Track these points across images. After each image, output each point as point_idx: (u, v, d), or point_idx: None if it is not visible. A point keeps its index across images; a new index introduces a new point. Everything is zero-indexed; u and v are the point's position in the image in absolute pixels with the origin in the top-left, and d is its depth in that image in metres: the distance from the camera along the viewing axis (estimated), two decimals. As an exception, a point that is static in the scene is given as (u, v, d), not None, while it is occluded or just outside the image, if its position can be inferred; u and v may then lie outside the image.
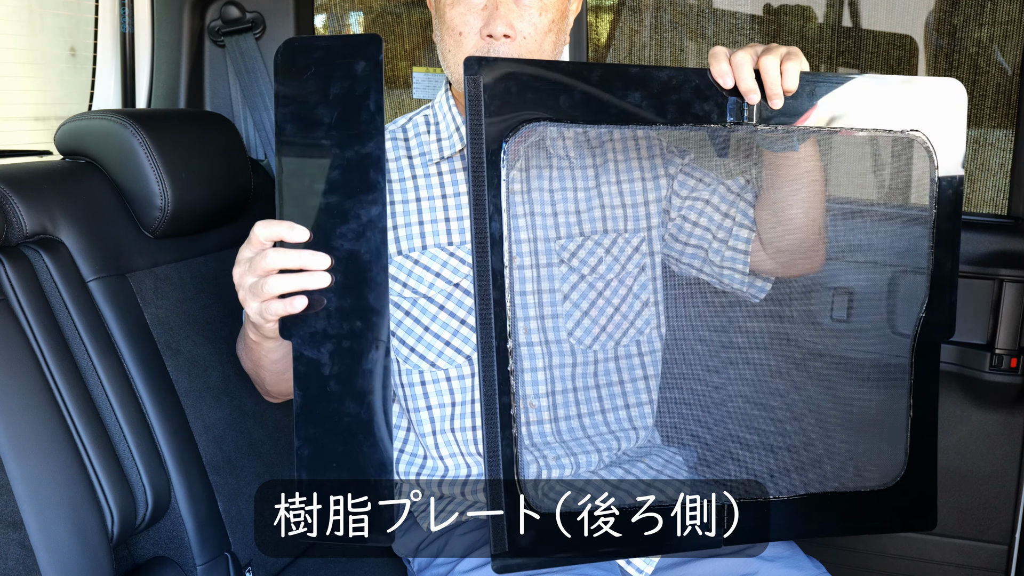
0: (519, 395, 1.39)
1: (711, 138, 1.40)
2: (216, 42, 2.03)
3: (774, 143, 1.29)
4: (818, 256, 1.43)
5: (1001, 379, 1.84)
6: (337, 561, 1.66)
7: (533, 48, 1.31)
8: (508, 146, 1.10)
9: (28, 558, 1.19)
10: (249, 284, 1.12)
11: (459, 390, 1.41)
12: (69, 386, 1.32)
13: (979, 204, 2.12)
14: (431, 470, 1.45)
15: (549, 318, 1.42)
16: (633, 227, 1.46)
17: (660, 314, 1.49)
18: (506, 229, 1.12)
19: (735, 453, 1.45)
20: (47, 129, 2.60)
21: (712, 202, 1.46)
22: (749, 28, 2.34)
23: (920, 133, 1.23)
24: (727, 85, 1.15)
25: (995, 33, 2.09)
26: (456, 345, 1.39)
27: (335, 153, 1.09)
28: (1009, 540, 1.90)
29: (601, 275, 1.44)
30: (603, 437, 1.46)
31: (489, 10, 1.29)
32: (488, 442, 1.13)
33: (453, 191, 1.41)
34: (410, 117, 1.48)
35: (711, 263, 1.47)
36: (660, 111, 1.15)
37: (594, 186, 1.44)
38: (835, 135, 1.25)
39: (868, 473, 1.29)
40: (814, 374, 1.59)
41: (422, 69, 2.26)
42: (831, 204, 1.40)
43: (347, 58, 1.10)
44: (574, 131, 1.45)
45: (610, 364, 1.45)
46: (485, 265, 1.11)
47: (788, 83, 1.15)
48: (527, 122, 1.11)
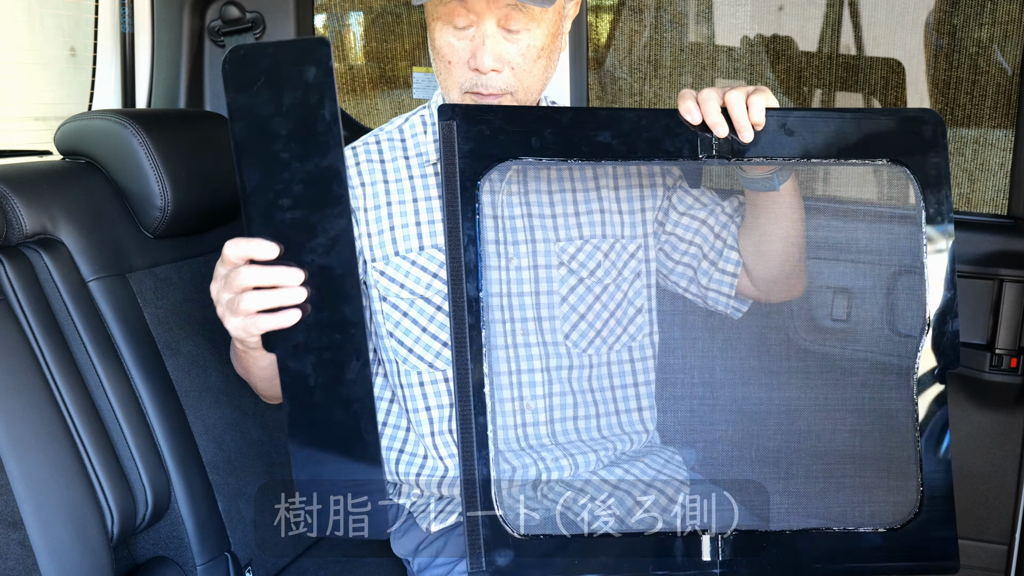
0: (517, 396, 1.40)
1: (684, 172, 1.44)
2: (216, 42, 2.03)
3: (755, 183, 1.31)
4: (797, 285, 1.47)
5: (1001, 379, 1.84)
6: (337, 561, 1.66)
7: (523, 76, 1.29)
8: (482, 184, 1.15)
9: (28, 558, 1.19)
10: (226, 300, 1.11)
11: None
12: (69, 386, 1.32)
13: (979, 204, 2.12)
14: (431, 470, 1.45)
15: (547, 320, 1.41)
16: (630, 233, 1.46)
17: (653, 321, 1.50)
18: (480, 258, 1.16)
19: (736, 463, 1.45)
20: (47, 129, 2.60)
21: (708, 223, 1.47)
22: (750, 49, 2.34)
23: (901, 164, 1.23)
24: (695, 121, 1.19)
25: (995, 33, 2.09)
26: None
27: (295, 166, 1.05)
28: (1009, 540, 1.89)
29: (599, 279, 1.44)
30: (597, 441, 1.46)
31: (476, 41, 1.27)
32: (464, 463, 1.15)
33: None
34: (407, 117, 1.48)
35: (698, 283, 1.49)
36: (632, 149, 1.19)
37: (593, 188, 1.44)
38: (819, 170, 1.28)
39: (880, 510, 1.26)
40: (818, 401, 1.58)
41: (422, 69, 2.26)
42: (821, 242, 1.42)
43: (296, 64, 1.04)
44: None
45: (602, 369, 1.45)
46: (460, 292, 1.14)
47: (754, 116, 1.18)
48: (500, 161, 1.16)
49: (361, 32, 2.48)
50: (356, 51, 2.47)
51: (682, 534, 1.20)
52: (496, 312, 1.38)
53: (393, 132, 1.46)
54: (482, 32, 1.25)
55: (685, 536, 1.19)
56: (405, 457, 1.47)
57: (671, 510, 1.37)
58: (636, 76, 2.41)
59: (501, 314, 1.38)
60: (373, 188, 1.40)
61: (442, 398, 1.42)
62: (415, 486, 1.48)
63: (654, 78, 2.40)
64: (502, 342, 1.38)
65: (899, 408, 1.27)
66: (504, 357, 1.38)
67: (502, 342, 1.38)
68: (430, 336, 1.40)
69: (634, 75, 2.41)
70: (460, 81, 1.30)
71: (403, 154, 1.43)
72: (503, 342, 1.38)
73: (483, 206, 1.16)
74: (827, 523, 1.23)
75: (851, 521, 1.23)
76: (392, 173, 1.42)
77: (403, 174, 1.42)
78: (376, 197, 1.40)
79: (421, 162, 1.42)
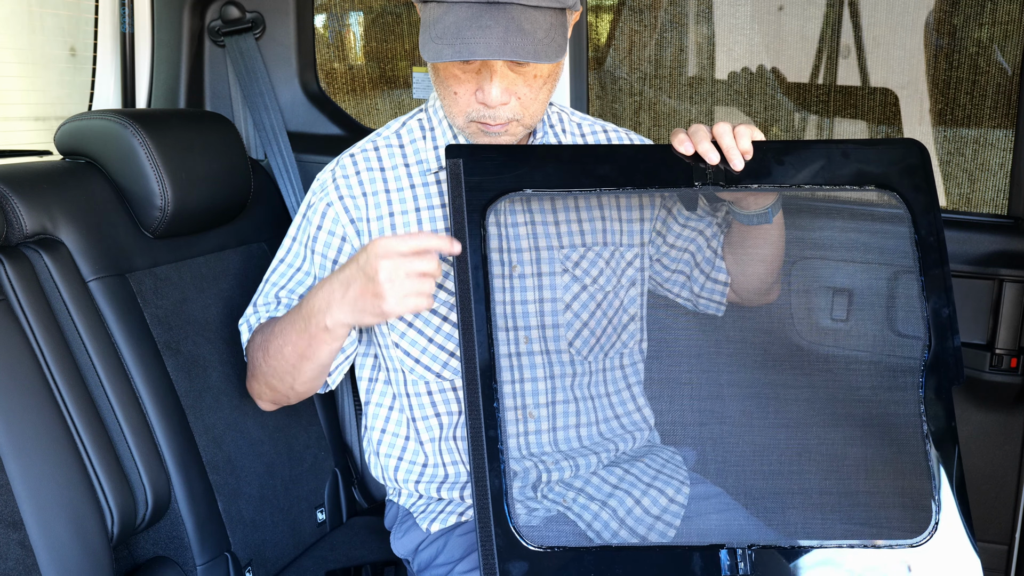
0: (520, 405, 1.40)
1: (681, 199, 1.52)
2: (216, 42, 2.03)
3: (751, 218, 1.38)
4: (773, 294, 1.55)
5: (1001, 379, 1.84)
6: (337, 561, 1.66)
7: (529, 104, 1.29)
8: (488, 214, 1.22)
9: (28, 558, 1.19)
10: (403, 274, 1.18)
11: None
12: (69, 386, 1.31)
13: (979, 204, 2.12)
14: (431, 477, 1.45)
15: (550, 327, 1.41)
16: (628, 241, 1.46)
17: (643, 329, 1.51)
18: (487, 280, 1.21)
19: (738, 464, 1.44)
20: (47, 129, 2.60)
21: (705, 234, 1.52)
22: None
23: (891, 190, 1.28)
24: (688, 152, 1.26)
25: (995, 33, 2.09)
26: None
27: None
28: (1009, 540, 1.89)
29: (601, 286, 1.44)
30: (599, 444, 1.46)
31: (483, 75, 1.26)
32: (476, 475, 1.15)
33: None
34: (404, 122, 1.46)
35: (690, 289, 1.53)
36: (630, 179, 1.27)
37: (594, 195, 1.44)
38: (814, 201, 1.32)
39: (894, 526, 1.26)
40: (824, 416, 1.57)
41: (422, 69, 2.26)
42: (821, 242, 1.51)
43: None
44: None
45: (599, 376, 1.46)
46: (468, 313, 1.19)
47: (742, 144, 1.25)
48: (505, 193, 1.23)
49: (361, 32, 2.47)
50: (356, 51, 2.47)
51: (700, 548, 1.18)
52: (500, 320, 1.37)
53: (391, 138, 1.45)
54: (489, 68, 1.25)
55: (703, 550, 1.18)
56: (404, 465, 1.47)
57: (677, 523, 1.37)
58: (636, 76, 2.41)
59: (504, 322, 1.38)
60: (375, 198, 1.40)
61: (451, 405, 1.42)
62: (414, 491, 1.48)
63: (654, 78, 2.39)
64: (505, 351, 1.38)
65: (907, 421, 1.27)
66: (508, 366, 1.38)
67: (505, 351, 1.38)
68: (437, 346, 1.40)
69: (634, 75, 2.41)
70: (467, 111, 1.29)
71: (403, 161, 1.42)
72: (507, 351, 1.38)
73: (490, 238, 1.23)
74: (844, 538, 1.22)
75: (867, 534, 1.22)
76: (393, 182, 1.41)
77: (404, 183, 1.41)
78: (379, 207, 1.40)
79: (422, 170, 1.41)
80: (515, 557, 1.14)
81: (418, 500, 1.48)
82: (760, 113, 2.34)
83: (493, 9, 1.17)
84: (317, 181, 1.44)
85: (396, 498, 1.53)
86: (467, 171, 1.22)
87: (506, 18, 1.17)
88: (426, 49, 1.20)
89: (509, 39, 1.17)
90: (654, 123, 2.40)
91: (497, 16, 1.17)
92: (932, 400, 1.24)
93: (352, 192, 1.40)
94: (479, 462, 1.15)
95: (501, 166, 1.24)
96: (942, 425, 1.23)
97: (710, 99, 2.37)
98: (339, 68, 2.38)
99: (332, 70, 2.35)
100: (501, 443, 1.16)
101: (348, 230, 1.40)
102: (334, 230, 1.40)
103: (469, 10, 1.18)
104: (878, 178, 1.28)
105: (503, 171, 1.24)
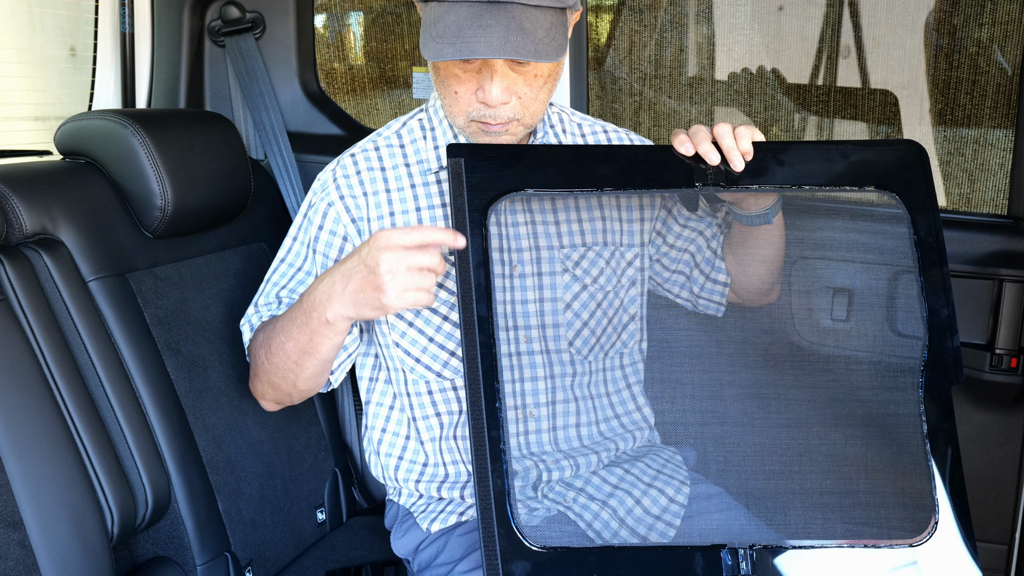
0: (520, 404, 1.40)
1: (682, 199, 1.52)
2: (216, 42, 2.03)
3: (751, 219, 1.38)
4: (774, 294, 1.55)
5: (1001, 379, 1.84)
6: (337, 561, 1.66)
7: (529, 103, 1.29)
8: (489, 214, 1.22)
9: (28, 558, 1.19)
10: (404, 268, 1.17)
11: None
12: (69, 386, 1.31)
13: (979, 204, 2.12)
14: (431, 476, 1.45)
15: (551, 327, 1.41)
16: (628, 241, 1.47)
17: (643, 329, 1.51)
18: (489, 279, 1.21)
19: (738, 465, 1.44)
20: (47, 129, 2.60)
21: (705, 234, 1.52)
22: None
23: (890, 191, 1.28)
24: (688, 153, 1.26)
25: (995, 33, 2.09)
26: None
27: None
28: (1009, 540, 1.89)
29: (601, 286, 1.44)
30: (599, 443, 1.46)
31: (484, 75, 1.26)
32: (478, 476, 1.15)
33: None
34: (404, 122, 1.47)
35: (690, 289, 1.54)
36: (631, 180, 1.28)
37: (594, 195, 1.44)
38: (813, 201, 1.32)
39: (894, 526, 1.26)
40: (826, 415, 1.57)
41: (422, 69, 2.26)
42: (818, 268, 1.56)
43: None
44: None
45: (599, 375, 1.46)
46: (470, 312, 1.19)
47: (742, 145, 1.25)
48: (506, 192, 1.23)
49: (361, 32, 2.47)
50: (356, 51, 2.47)
51: (702, 548, 1.18)
52: (500, 319, 1.37)
53: (391, 138, 1.45)
54: (490, 67, 1.25)
55: (705, 550, 1.18)
56: (404, 464, 1.47)
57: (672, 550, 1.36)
58: (636, 76, 2.41)
59: (505, 322, 1.38)
60: (376, 198, 1.40)
61: (451, 405, 1.42)
62: (414, 491, 1.48)
63: (654, 78, 2.39)
64: (506, 350, 1.38)
65: (906, 421, 1.27)
66: (508, 365, 1.38)
67: (506, 350, 1.38)
68: (437, 346, 1.40)
69: (634, 75, 2.41)
70: (468, 110, 1.29)
71: (403, 161, 1.42)
72: (507, 350, 1.38)
73: (492, 237, 1.22)
74: (844, 537, 1.21)
75: (867, 534, 1.22)
76: (394, 182, 1.41)
77: (405, 182, 1.41)
78: (379, 207, 1.40)
79: (422, 170, 1.41)
80: (518, 557, 1.14)
81: (418, 500, 1.48)
82: (760, 113, 2.34)
83: (494, 8, 1.17)
84: (318, 181, 1.44)
85: (396, 498, 1.53)
86: (468, 170, 1.22)
87: (507, 17, 1.17)
88: (427, 48, 1.20)
89: (510, 38, 1.17)
90: (654, 123, 2.40)
91: (498, 15, 1.17)
92: (932, 400, 1.24)
93: (353, 192, 1.40)
94: (482, 462, 1.15)
95: (502, 166, 1.24)
96: (942, 425, 1.23)
97: (710, 99, 2.37)
98: (339, 68, 2.38)
99: (332, 70, 2.35)
100: (503, 443, 1.16)
101: (349, 230, 1.40)
102: (335, 230, 1.40)
103: (470, 9, 1.18)
104: (877, 179, 1.29)
105: (504, 171, 1.24)
